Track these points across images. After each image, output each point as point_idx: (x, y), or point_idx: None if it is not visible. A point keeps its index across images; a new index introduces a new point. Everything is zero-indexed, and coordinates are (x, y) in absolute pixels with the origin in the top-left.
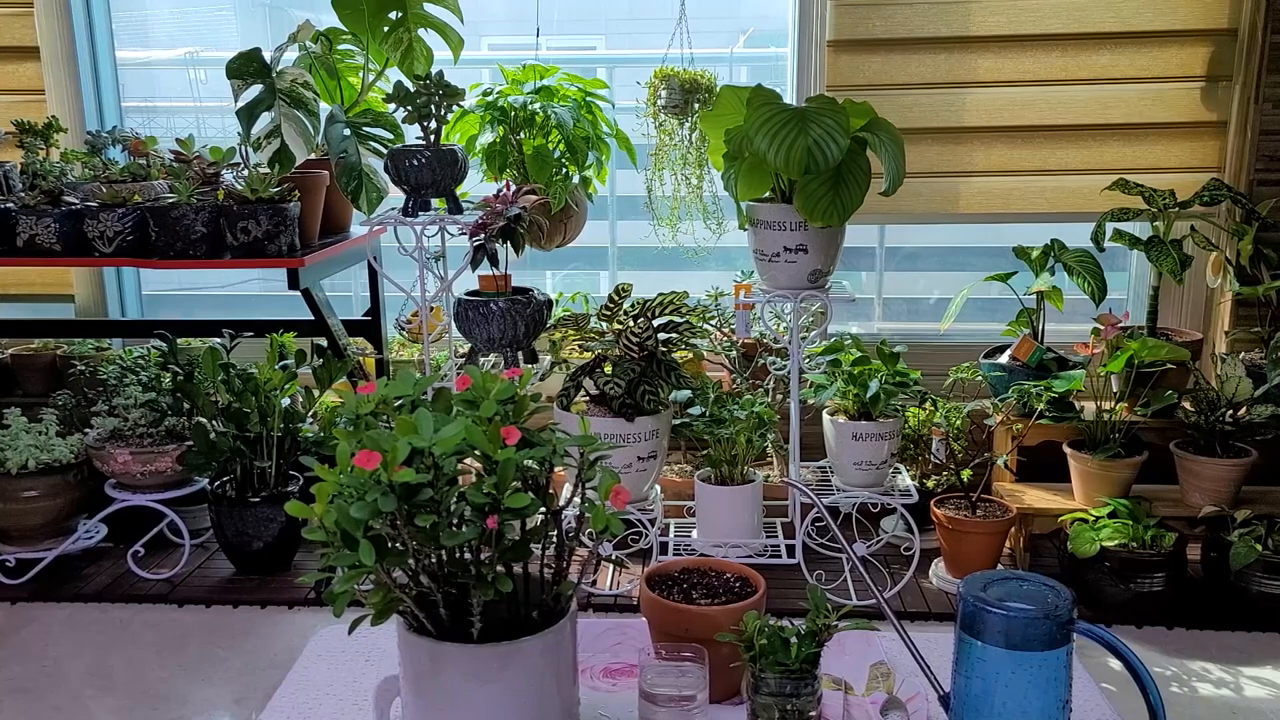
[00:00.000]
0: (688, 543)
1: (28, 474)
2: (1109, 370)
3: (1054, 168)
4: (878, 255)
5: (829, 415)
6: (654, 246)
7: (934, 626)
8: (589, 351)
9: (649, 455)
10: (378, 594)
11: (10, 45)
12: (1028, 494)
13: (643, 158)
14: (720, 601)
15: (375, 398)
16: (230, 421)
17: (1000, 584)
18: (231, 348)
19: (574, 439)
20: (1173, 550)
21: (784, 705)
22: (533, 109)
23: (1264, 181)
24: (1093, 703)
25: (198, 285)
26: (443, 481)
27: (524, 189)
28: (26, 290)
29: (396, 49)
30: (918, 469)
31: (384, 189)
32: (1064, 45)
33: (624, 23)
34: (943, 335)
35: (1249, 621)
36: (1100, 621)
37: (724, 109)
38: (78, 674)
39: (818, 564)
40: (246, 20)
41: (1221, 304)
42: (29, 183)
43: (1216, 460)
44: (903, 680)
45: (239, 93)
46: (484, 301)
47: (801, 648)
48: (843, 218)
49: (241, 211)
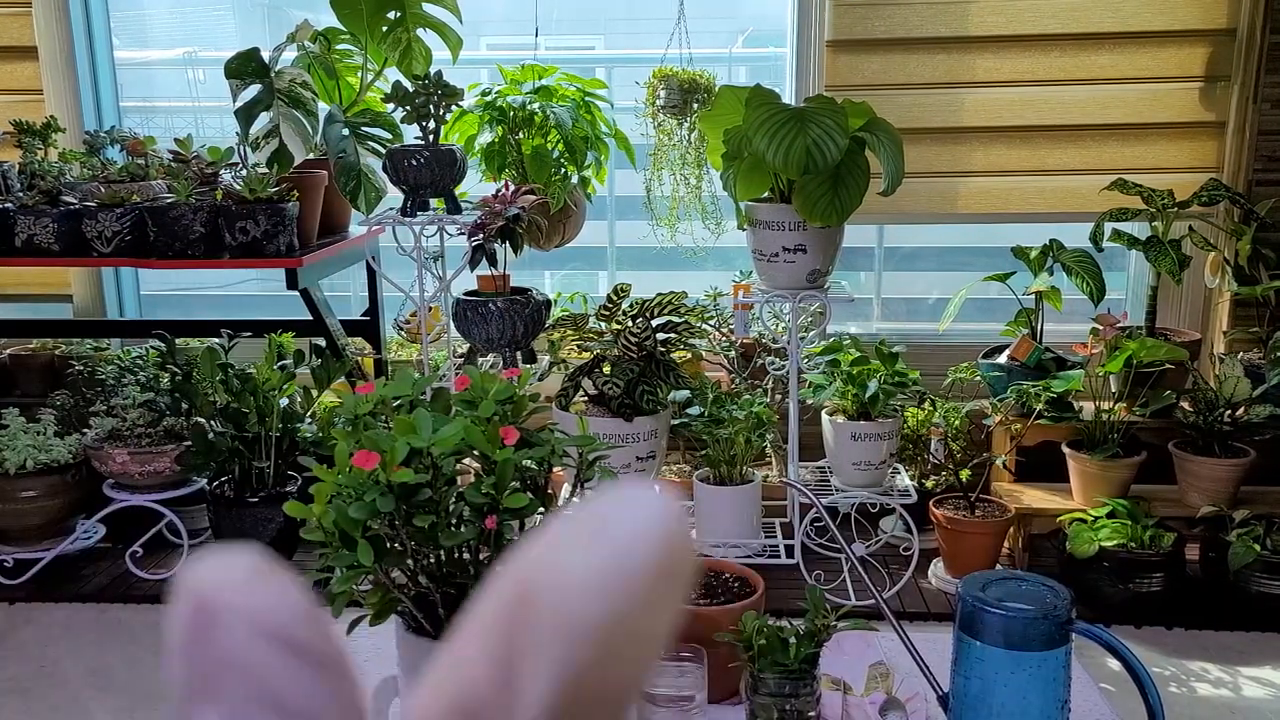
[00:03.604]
0: None
1: (26, 474)
2: (1107, 370)
3: (1053, 168)
4: (876, 255)
5: (828, 415)
6: (653, 246)
7: (933, 626)
8: (587, 351)
9: (647, 455)
10: (376, 594)
11: (8, 45)
12: (1026, 494)
13: (641, 158)
14: (719, 601)
15: (374, 398)
16: (228, 422)
17: (999, 584)
18: (230, 348)
19: (572, 439)
20: (1171, 550)
21: (783, 705)
22: (531, 109)
23: (1262, 181)
24: (1091, 703)
25: (196, 285)
26: (441, 481)
27: (523, 189)
28: (25, 290)
29: (395, 49)
30: (916, 469)
31: (382, 189)
32: (1063, 45)
33: (623, 23)
34: (941, 335)
35: (1248, 621)
36: (1099, 621)
37: (723, 109)
38: (76, 674)
39: (816, 564)
40: (245, 20)
41: (1220, 304)
42: (27, 183)
43: (1215, 460)
44: (901, 680)
45: (237, 92)
46: (482, 301)
47: (800, 648)
48: (841, 218)
49: (240, 211)
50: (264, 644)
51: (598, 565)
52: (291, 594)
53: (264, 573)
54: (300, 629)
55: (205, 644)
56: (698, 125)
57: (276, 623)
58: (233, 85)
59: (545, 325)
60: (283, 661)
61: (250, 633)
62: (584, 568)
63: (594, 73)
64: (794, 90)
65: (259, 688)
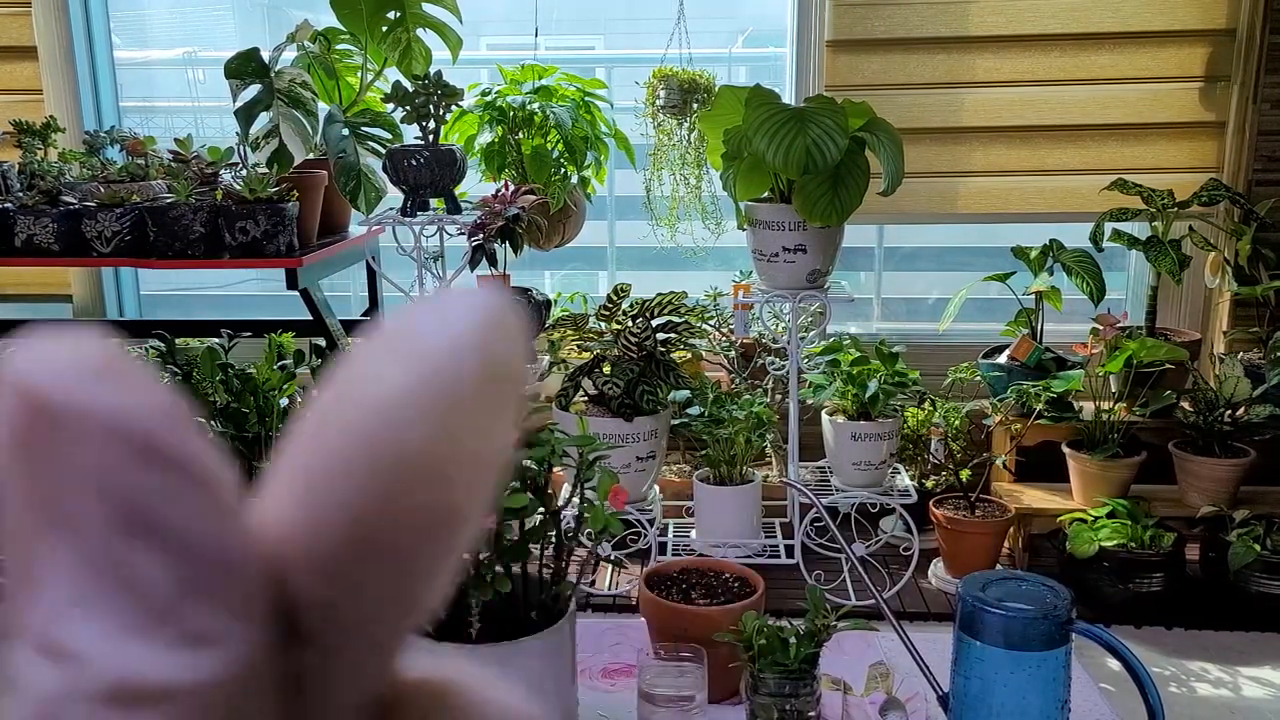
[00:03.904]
0: (686, 543)
1: None
2: (1107, 370)
3: (1052, 168)
4: (876, 255)
5: (828, 415)
6: (652, 246)
7: (933, 626)
8: (587, 351)
9: (647, 455)
10: None
11: (8, 45)
12: (1026, 494)
13: (641, 158)
14: (719, 602)
15: None
16: (229, 422)
17: (999, 584)
18: (230, 348)
19: (572, 439)
20: (1171, 550)
21: (782, 705)
22: (531, 109)
23: (1262, 181)
24: (1091, 703)
25: (196, 285)
26: None
27: (522, 189)
28: (24, 290)
29: (395, 49)
30: (916, 469)
31: (382, 189)
32: (1063, 45)
33: (623, 23)
34: (941, 335)
35: (1247, 621)
36: (1099, 621)
37: (722, 109)
38: None
39: (816, 564)
40: (245, 20)
41: (1220, 304)
42: (27, 183)
43: (1215, 460)
44: (901, 680)
45: (237, 92)
46: None
47: (800, 648)
48: (841, 218)
49: (240, 211)
50: (124, 452)
51: (409, 381)
52: (151, 388)
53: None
54: (166, 431)
55: (47, 457)
56: (697, 125)
57: (138, 425)
58: (233, 85)
59: (545, 325)
60: (148, 474)
61: (106, 439)
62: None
63: (594, 73)
64: (794, 90)
65: (123, 509)
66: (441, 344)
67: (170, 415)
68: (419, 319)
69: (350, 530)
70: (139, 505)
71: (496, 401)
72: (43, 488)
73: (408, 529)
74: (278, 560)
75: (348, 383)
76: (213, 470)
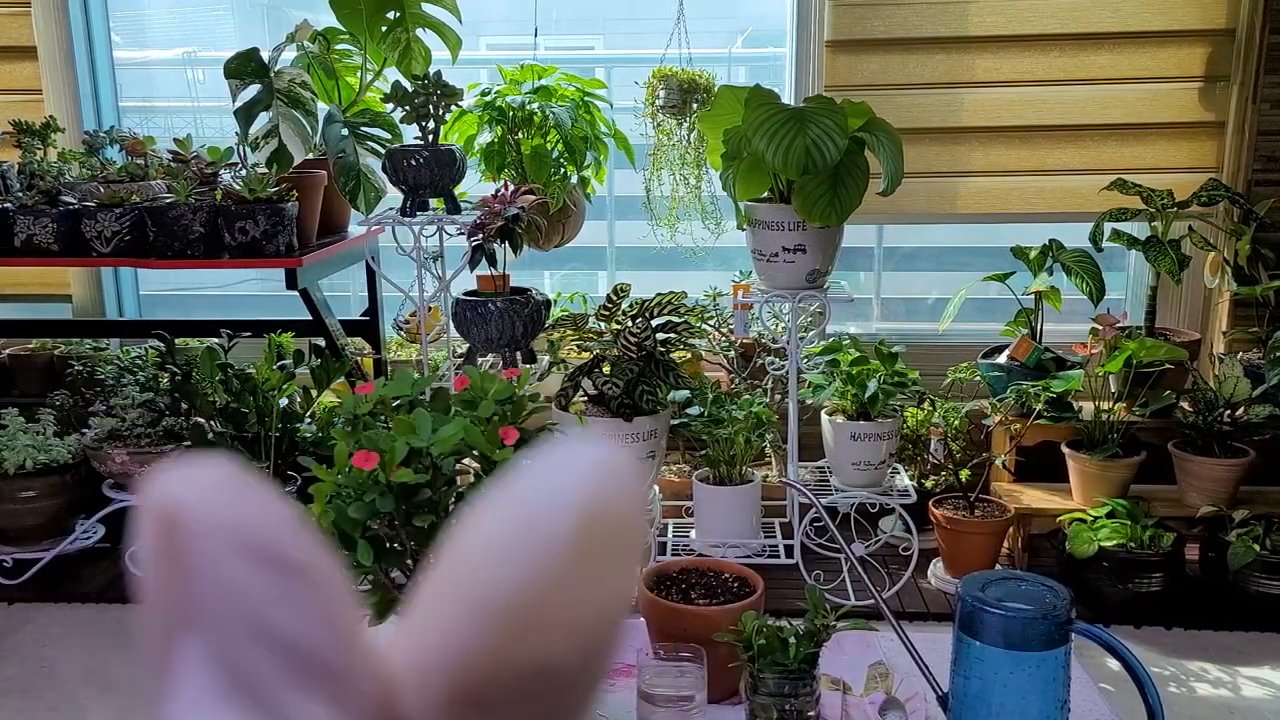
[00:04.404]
0: (686, 543)
1: (25, 474)
2: (1107, 370)
3: (1052, 168)
4: (876, 255)
5: (827, 415)
6: (652, 246)
7: (932, 626)
8: (587, 351)
9: (647, 455)
10: (375, 594)
11: (8, 45)
12: (1026, 494)
13: (641, 158)
14: (718, 602)
15: (373, 398)
16: (228, 422)
17: (998, 584)
18: (229, 348)
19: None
20: (1171, 550)
21: (782, 705)
22: (531, 109)
23: (1261, 182)
24: (1091, 703)
25: (195, 285)
26: (441, 482)
27: (522, 189)
28: (24, 290)
29: (394, 49)
30: (916, 469)
31: (382, 189)
32: (1062, 45)
33: (622, 23)
34: (941, 335)
35: (1247, 621)
36: (1098, 621)
37: (722, 109)
38: (74, 675)
39: (816, 564)
40: (244, 20)
41: (1219, 304)
42: (26, 183)
43: (1214, 460)
44: (901, 680)
45: (237, 92)
46: (482, 302)
47: (800, 648)
48: (841, 218)
49: (239, 211)
50: (248, 562)
51: (504, 533)
52: (273, 504)
53: (240, 481)
54: (286, 543)
55: (182, 566)
56: (697, 125)
57: (260, 537)
58: (232, 85)
59: (545, 325)
60: (269, 581)
61: (231, 550)
62: (490, 536)
63: (593, 73)
64: (793, 90)
65: (247, 612)
66: (540, 496)
67: (292, 528)
68: (531, 471)
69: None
70: (262, 610)
71: (601, 553)
72: (180, 593)
73: (509, 686)
74: (394, 682)
75: (461, 533)
76: (331, 582)
